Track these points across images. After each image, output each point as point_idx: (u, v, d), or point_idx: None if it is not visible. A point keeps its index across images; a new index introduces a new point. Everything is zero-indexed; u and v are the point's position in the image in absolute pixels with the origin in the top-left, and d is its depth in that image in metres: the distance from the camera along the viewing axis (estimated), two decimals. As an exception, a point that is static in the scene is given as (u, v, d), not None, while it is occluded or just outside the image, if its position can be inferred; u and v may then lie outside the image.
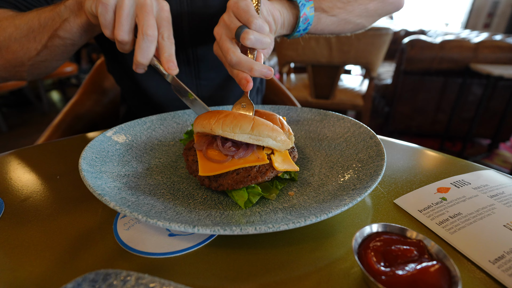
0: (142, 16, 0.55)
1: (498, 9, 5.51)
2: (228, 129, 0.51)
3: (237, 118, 0.52)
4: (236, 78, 0.62)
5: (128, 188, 0.52)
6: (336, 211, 0.42)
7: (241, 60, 0.59)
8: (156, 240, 0.46)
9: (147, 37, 0.55)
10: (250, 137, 0.51)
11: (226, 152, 0.53)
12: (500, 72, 2.41)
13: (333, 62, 2.57)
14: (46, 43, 0.68)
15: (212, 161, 0.53)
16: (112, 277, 0.34)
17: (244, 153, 0.53)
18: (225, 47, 0.61)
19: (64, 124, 1.10)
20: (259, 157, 0.52)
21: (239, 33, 0.59)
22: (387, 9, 0.94)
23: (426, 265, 0.34)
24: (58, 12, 0.64)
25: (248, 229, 0.39)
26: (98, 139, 0.62)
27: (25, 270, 0.41)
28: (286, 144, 0.54)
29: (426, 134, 3.50)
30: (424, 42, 2.96)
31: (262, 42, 0.60)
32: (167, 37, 0.58)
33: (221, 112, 0.55)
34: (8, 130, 3.75)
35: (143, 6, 0.55)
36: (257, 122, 0.52)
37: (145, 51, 0.56)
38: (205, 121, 0.54)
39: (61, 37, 0.68)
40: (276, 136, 0.52)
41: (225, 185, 0.51)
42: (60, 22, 0.65)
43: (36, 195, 0.58)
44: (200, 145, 0.56)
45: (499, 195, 0.54)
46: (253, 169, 0.52)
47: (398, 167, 0.67)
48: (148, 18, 0.55)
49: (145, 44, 0.55)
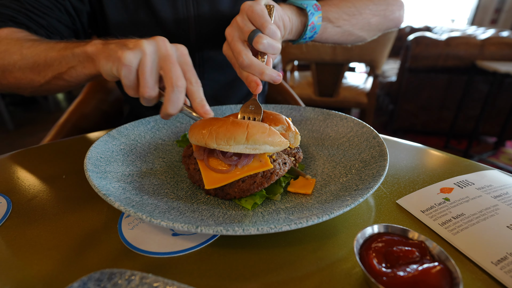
0: (168, 68, 0.53)
1: (505, 5, 5.41)
2: (222, 142, 0.50)
3: (230, 129, 0.50)
4: (246, 80, 0.63)
5: (132, 188, 0.53)
6: (338, 211, 0.42)
7: (253, 63, 0.60)
8: (160, 239, 0.47)
9: (177, 88, 0.53)
10: (246, 147, 0.50)
11: (229, 162, 0.52)
12: (506, 69, 2.38)
13: (337, 60, 2.55)
14: (50, 81, 0.67)
15: (216, 171, 0.52)
16: (117, 276, 0.35)
17: (246, 160, 0.52)
18: (237, 49, 0.62)
19: (70, 123, 1.11)
20: (262, 161, 0.52)
21: (252, 37, 0.60)
22: (388, 25, 0.98)
23: (428, 267, 0.35)
24: (66, 57, 0.63)
25: (250, 229, 0.40)
26: (103, 139, 0.63)
27: (32, 269, 0.42)
28: (284, 144, 0.53)
29: (431, 132, 3.47)
30: (429, 39, 2.92)
31: (274, 48, 0.61)
32: (195, 82, 0.57)
33: (214, 122, 0.53)
34: (15, 128, 3.80)
35: (166, 57, 0.53)
36: (251, 131, 0.50)
37: (175, 102, 0.54)
38: (199, 134, 0.52)
39: (65, 80, 0.67)
40: (273, 140, 0.51)
41: (232, 194, 0.51)
42: (67, 68, 0.64)
43: (42, 194, 0.59)
44: (200, 154, 0.54)
45: (503, 196, 0.54)
46: (258, 175, 0.51)
47: (401, 166, 0.67)
48: (175, 69, 0.53)
49: (176, 95, 0.53)
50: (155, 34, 0.87)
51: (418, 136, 3.45)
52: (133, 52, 0.51)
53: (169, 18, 0.87)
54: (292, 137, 0.61)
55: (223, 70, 1.01)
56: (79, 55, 0.61)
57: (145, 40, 0.53)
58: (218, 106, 0.86)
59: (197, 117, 0.57)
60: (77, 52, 0.61)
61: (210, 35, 0.91)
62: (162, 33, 0.89)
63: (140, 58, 0.52)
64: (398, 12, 0.96)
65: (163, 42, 0.55)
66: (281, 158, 0.56)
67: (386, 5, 0.93)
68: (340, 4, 0.85)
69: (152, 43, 0.54)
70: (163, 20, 0.87)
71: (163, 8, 0.85)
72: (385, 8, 0.92)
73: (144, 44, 0.52)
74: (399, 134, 3.45)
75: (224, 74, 1.03)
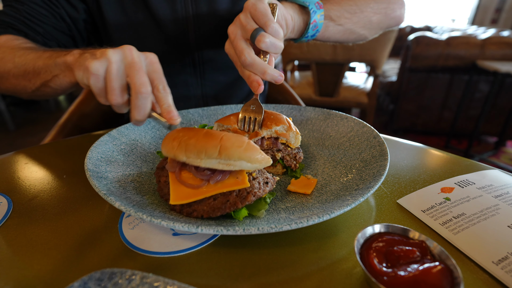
0: (133, 75, 0.53)
1: (506, 4, 5.40)
2: (192, 155, 0.45)
3: (201, 142, 0.46)
4: (248, 80, 0.62)
5: (133, 187, 0.53)
6: (339, 211, 0.42)
7: (256, 62, 0.60)
8: (161, 239, 0.47)
9: (140, 95, 0.52)
10: (219, 162, 0.45)
11: (201, 177, 0.47)
12: (507, 69, 2.37)
13: (338, 60, 2.55)
14: (39, 87, 0.71)
15: (186, 185, 0.47)
16: (118, 276, 0.35)
17: (221, 176, 0.47)
18: (240, 47, 0.61)
19: (70, 123, 1.11)
20: (239, 179, 0.47)
21: (255, 35, 0.60)
22: (389, 23, 0.98)
23: (428, 266, 0.34)
24: (50, 66, 0.65)
25: (251, 229, 0.40)
26: (103, 139, 0.63)
27: (33, 269, 0.42)
28: (265, 162, 0.47)
29: (431, 132, 3.47)
30: (430, 39, 2.92)
31: (276, 47, 0.61)
32: (162, 89, 0.56)
33: (187, 133, 0.49)
34: (15, 128, 3.80)
35: (131, 64, 0.54)
36: (224, 144, 0.45)
37: (141, 108, 0.54)
38: (169, 145, 0.49)
39: (51, 87, 0.70)
40: (251, 156, 0.45)
41: (200, 212, 0.46)
42: (51, 76, 0.66)
43: (43, 194, 0.59)
44: (173, 166, 0.50)
45: (503, 195, 0.54)
46: (232, 193, 0.46)
47: (402, 166, 0.67)
48: (139, 76, 0.53)
49: (140, 101, 0.53)
50: (154, 36, 0.88)
51: (419, 136, 3.45)
52: (99, 61, 0.52)
53: (168, 19, 0.87)
54: (292, 137, 0.61)
55: (223, 71, 1.02)
56: (60, 65, 0.63)
57: (111, 49, 0.54)
58: (219, 106, 0.86)
59: (166, 122, 0.56)
60: (59, 62, 0.63)
61: (209, 35, 0.91)
62: (161, 34, 0.89)
63: (106, 67, 0.53)
64: (399, 10, 0.96)
65: (130, 50, 0.55)
66: (263, 176, 0.51)
67: (387, 3, 0.93)
68: (341, 2, 0.85)
69: (118, 51, 0.54)
70: (161, 20, 0.87)
71: (162, 9, 0.86)
72: (386, 6, 0.92)
73: (110, 53, 0.53)
74: (400, 134, 3.44)
75: (224, 75, 1.03)
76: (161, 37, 0.90)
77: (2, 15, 0.80)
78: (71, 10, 0.85)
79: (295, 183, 0.57)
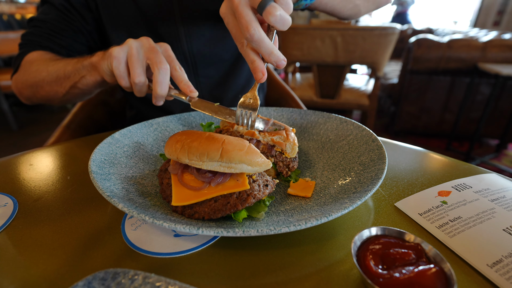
0: (153, 56, 0.64)
1: (508, 7, 5.40)
2: (194, 158, 0.47)
3: (203, 144, 0.47)
4: (251, 65, 0.57)
5: (135, 189, 0.54)
6: (337, 214, 0.43)
7: (264, 40, 0.52)
8: (162, 240, 0.48)
9: (162, 70, 0.63)
10: (221, 165, 0.47)
11: (202, 179, 0.48)
12: (508, 71, 2.37)
13: (339, 62, 2.56)
14: (69, 90, 0.82)
15: (187, 187, 0.49)
16: (121, 276, 0.36)
17: (222, 178, 0.48)
18: (247, 17, 0.52)
19: (74, 124, 1.12)
20: (239, 181, 0.48)
21: (264, 5, 0.50)
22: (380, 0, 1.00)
23: (423, 268, 0.35)
24: (78, 69, 0.77)
25: (250, 231, 0.41)
26: (107, 142, 0.64)
27: (39, 268, 0.43)
28: (265, 165, 0.49)
29: (432, 134, 3.47)
30: (431, 41, 2.93)
31: (285, 22, 0.51)
32: (179, 68, 0.67)
33: (190, 136, 0.50)
34: (18, 128, 3.83)
35: (150, 49, 0.65)
36: (226, 148, 0.46)
37: (162, 83, 0.64)
38: (171, 147, 0.50)
39: (79, 88, 0.81)
40: (251, 159, 0.47)
41: (201, 213, 0.47)
42: (79, 78, 0.78)
43: (48, 195, 0.60)
44: (175, 168, 0.52)
45: (500, 199, 0.54)
46: (233, 195, 0.47)
47: (400, 169, 0.67)
48: (158, 56, 0.64)
49: (161, 76, 0.63)
50: (140, 22, 0.94)
51: (420, 138, 3.45)
52: (120, 47, 0.65)
53: (150, 1, 0.91)
54: (289, 148, 0.62)
55: (214, 66, 1.05)
56: (87, 66, 0.75)
57: (132, 39, 0.66)
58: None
59: (184, 99, 0.68)
60: (85, 63, 0.75)
61: (196, 15, 0.94)
62: (147, 22, 0.94)
63: (127, 51, 0.65)
64: None
65: (147, 39, 0.67)
66: (263, 179, 0.52)
67: None
68: None
69: (137, 40, 0.67)
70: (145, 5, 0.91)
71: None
72: None
73: (130, 40, 0.66)
74: (401, 136, 3.44)
75: (215, 69, 1.06)
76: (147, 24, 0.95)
77: (30, 36, 0.92)
78: (83, 22, 0.94)
79: (294, 186, 0.58)
